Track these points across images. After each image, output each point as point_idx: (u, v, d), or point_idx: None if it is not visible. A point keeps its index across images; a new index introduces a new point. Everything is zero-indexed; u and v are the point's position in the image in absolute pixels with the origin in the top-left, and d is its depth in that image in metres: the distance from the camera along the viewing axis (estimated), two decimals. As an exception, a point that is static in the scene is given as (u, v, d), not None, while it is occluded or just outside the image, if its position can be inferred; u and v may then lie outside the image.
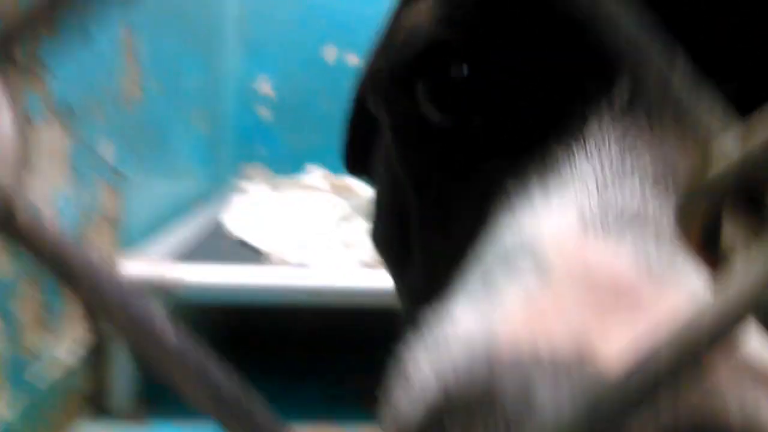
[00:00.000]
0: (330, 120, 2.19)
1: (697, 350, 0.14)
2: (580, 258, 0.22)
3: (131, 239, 1.37)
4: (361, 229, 1.58)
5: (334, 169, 2.04)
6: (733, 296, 0.14)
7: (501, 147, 0.31)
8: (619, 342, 0.18)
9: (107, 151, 1.28)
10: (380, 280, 1.30)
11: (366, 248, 1.51)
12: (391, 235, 0.39)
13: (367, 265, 1.42)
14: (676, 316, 0.14)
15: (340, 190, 2.01)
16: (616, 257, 0.21)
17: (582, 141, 0.27)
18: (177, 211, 1.65)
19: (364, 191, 2.02)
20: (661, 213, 0.23)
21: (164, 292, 1.21)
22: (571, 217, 0.23)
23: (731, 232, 0.17)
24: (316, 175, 2.06)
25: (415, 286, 0.35)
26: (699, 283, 0.20)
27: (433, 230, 0.34)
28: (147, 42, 1.41)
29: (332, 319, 1.42)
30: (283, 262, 1.37)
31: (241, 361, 1.32)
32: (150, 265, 1.24)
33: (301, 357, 1.53)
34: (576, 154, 0.26)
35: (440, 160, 0.33)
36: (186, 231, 1.52)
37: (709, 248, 0.17)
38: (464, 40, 0.31)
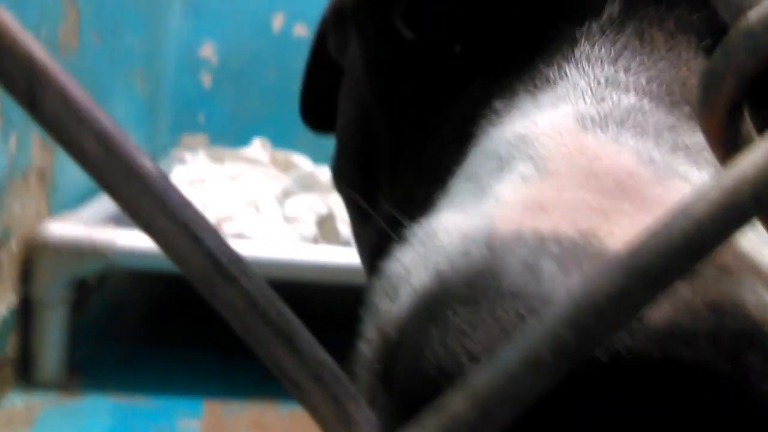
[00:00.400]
0: (274, 91, 2.16)
1: (702, 233, 0.13)
2: (579, 148, 0.20)
3: (63, 200, 1.30)
4: (303, 204, 1.55)
5: (276, 143, 2.00)
6: (732, 185, 0.13)
7: (484, 67, 0.29)
8: (623, 227, 0.17)
9: (39, 104, 1.21)
10: (321, 255, 1.28)
11: (306, 224, 1.48)
12: (357, 171, 0.37)
13: (308, 239, 1.40)
14: (679, 202, 0.13)
15: (281, 164, 1.97)
16: (616, 149, 0.20)
17: (572, 57, 0.25)
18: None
19: (306, 166, 1.99)
20: (659, 113, 0.22)
21: (95, 255, 1.16)
22: (567, 115, 0.22)
23: (748, 128, 0.16)
24: (257, 148, 2.01)
25: (385, 226, 0.32)
26: (701, 175, 0.20)
27: (410, 160, 0.31)
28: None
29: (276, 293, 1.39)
30: (221, 232, 1.33)
31: (176, 331, 1.28)
32: (81, 227, 1.18)
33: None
34: (567, 70, 0.25)
35: (417, 83, 0.31)
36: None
37: (731, 135, 0.16)
38: None
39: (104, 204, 1.35)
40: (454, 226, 0.19)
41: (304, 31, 2.06)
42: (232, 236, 1.31)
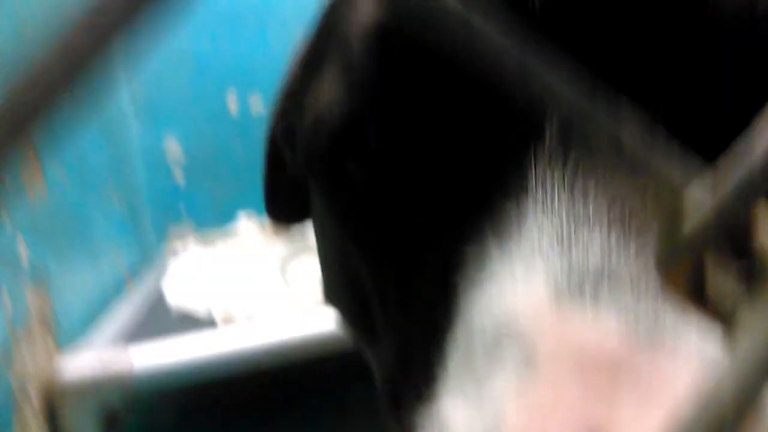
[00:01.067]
0: (247, 164, 2.16)
1: (723, 424, 0.13)
2: (563, 337, 0.20)
3: (70, 336, 1.30)
4: (305, 268, 1.55)
5: (262, 212, 2.00)
6: (748, 361, 0.13)
7: (444, 203, 0.29)
8: (629, 424, 0.17)
9: (22, 251, 1.21)
10: (330, 321, 1.27)
11: (315, 287, 1.48)
12: (347, 303, 0.38)
13: (319, 303, 1.39)
14: (691, 389, 0.13)
15: (271, 232, 1.97)
16: (600, 328, 0.20)
17: (526, 186, 0.25)
18: (111, 295, 1.58)
19: (298, 229, 1.99)
20: (632, 264, 0.22)
21: (117, 382, 1.15)
22: (541, 287, 0.22)
23: (717, 278, 0.16)
24: (245, 223, 2.02)
25: (388, 360, 0.33)
26: (690, 335, 0.19)
27: (393, 299, 0.32)
28: (42, 131, 1.34)
29: (298, 371, 1.38)
30: (233, 322, 1.33)
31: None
32: (95, 358, 1.18)
33: (275, 418, 1.48)
34: (524, 200, 0.25)
35: (387, 230, 0.31)
36: (125, 313, 1.45)
37: (695, 296, 0.16)
38: (371, 109, 0.30)
39: (112, 327, 1.35)
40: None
41: (259, 102, 2.07)
42: (245, 324, 1.31)
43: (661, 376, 0.18)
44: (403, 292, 0.31)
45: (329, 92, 0.31)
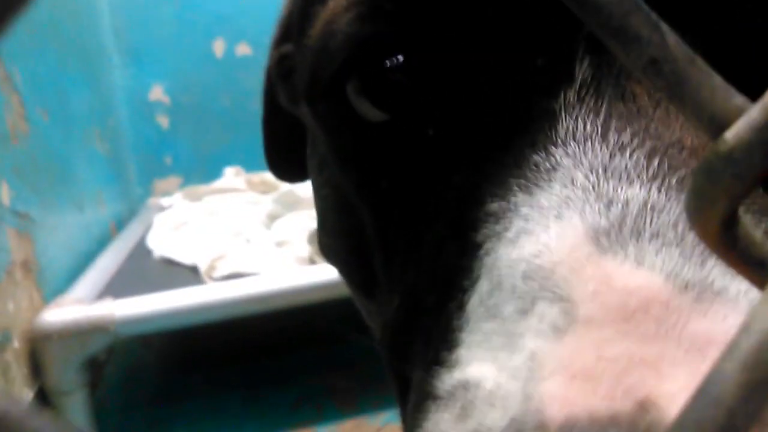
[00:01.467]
0: (233, 116, 2.14)
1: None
2: (605, 281, 0.19)
3: (53, 283, 1.28)
4: (290, 226, 1.54)
5: (249, 166, 1.98)
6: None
7: (464, 151, 0.27)
8: (680, 383, 0.16)
9: (5, 194, 1.19)
10: (321, 273, 1.27)
11: (298, 244, 1.47)
12: (347, 254, 0.36)
13: (303, 260, 1.39)
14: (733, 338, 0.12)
15: (259, 186, 1.96)
16: (646, 277, 0.18)
17: (557, 137, 0.23)
18: (95, 243, 1.56)
19: (284, 183, 1.97)
20: (673, 206, 0.20)
21: (99, 331, 1.15)
22: (579, 233, 0.20)
23: (751, 226, 0.15)
24: (231, 176, 1.99)
25: (391, 312, 0.31)
26: (738, 286, 0.18)
27: (407, 251, 0.30)
28: (24, 70, 1.31)
29: (282, 321, 1.38)
30: (217, 275, 1.32)
31: (198, 382, 1.27)
32: (78, 308, 1.17)
33: (260, 365, 1.49)
34: (556, 156, 0.23)
35: (393, 170, 0.29)
36: (109, 262, 1.44)
37: (727, 243, 0.16)
38: (397, 32, 0.27)
39: (96, 278, 1.34)
40: (493, 392, 0.18)
41: (247, 50, 2.03)
42: (226, 278, 1.30)
43: (711, 326, 0.17)
44: (413, 246, 0.29)
45: (342, 9, 0.28)
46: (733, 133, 0.13)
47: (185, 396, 1.38)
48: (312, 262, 1.40)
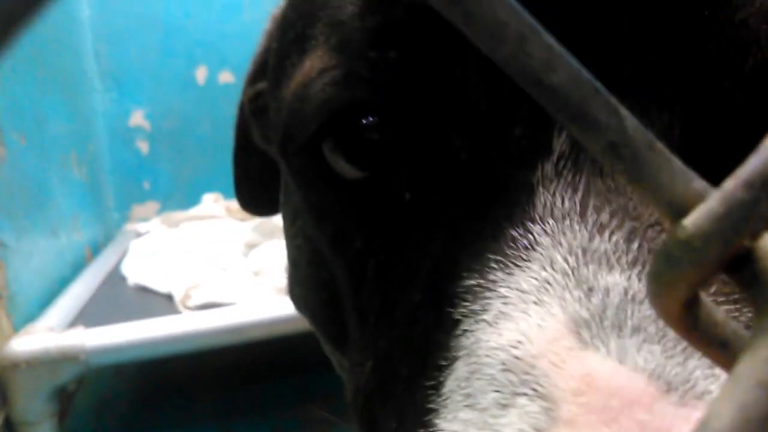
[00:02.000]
0: (213, 143, 2.13)
1: None
2: (586, 380, 0.18)
3: (24, 310, 1.26)
4: (268, 255, 1.53)
5: (227, 193, 1.97)
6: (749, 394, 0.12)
7: (439, 216, 0.26)
8: None
9: (-23, 220, 1.17)
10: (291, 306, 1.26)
11: (275, 274, 1.46)
12: (320, 311, 0.35)
13: (280, 290, 1.37)
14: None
15: (238, 214, 1.94)
16: (628, 376, 0.18)
17: (534, 213, 0.23)
18: (69, 268, 1.54)
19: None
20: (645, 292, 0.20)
21: (69, 361, 1.12)
22: (557, 320, 0.20)
23: (713, 307, 0.15)
24: (209, 203, 1.98)
25: (364, 377, 0.30)
26: (717, 390, 0.18)
27: (375, 314, 0.29)
28: (2, 93, 1.30)
29: (258, 351, 1.37)
30: (192, 304, 1.31)
31: (172, 413, 1.24)
32: (48, 336, 1.15)
33: (235, 396, 1.46)
34: (535, 235, 0.22)
35: (368, 230, 0.29)
36: (83, 289, 1.41)
37: (690, 325, 0.15)
38: (372, 98, 0.27)
39: (68, 305, 1.32)
40: None
41: (230, 78, 2.03)
42: (201, 307, 1.28)
43: (691, 421, 0.17)
44: (387, 310, 0.28)
45: (317, 73, 0.28)
46: (691, 221, 0.13)
47: (158, 428, 1.36)
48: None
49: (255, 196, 0.58)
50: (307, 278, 0.36)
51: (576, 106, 0.13)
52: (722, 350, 0.15)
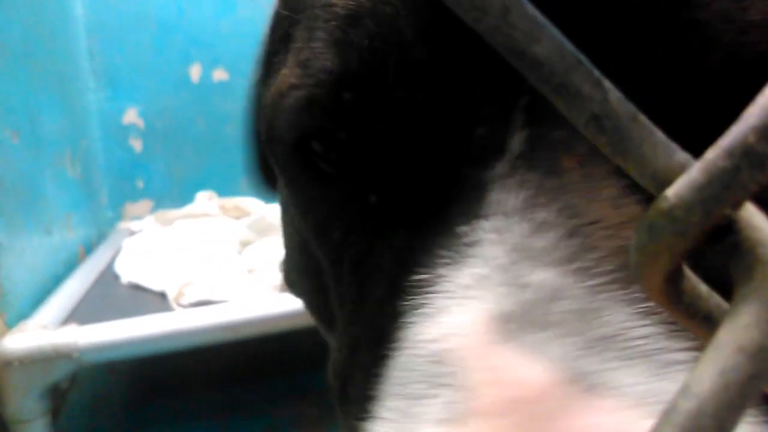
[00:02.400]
0: (207, 141, 2.13)
1: None
2: (497, 374, 0.19)
3: (17, 308, 1.25)
4: (262, 252, 1.53)
5: (221, 191, 1.96)
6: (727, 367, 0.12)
7: (402, 213, 0.27)
8: None
9: (-30, 218, 1.16)
10: (292, 301, 1.26)
11: (270, 271, 1.46)
12: (311, 296, 0.37)
13: (274, 288, 1.37)
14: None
15: (232, 212, 1.94)
16: (536, 366, 0.19)
17: (484, 209, 0.23)
18: (62, 266, 1.53)
19: (258, 208, 1.96)
20: (578, 292, 0.20)
21: (63, 358, 1.12)
22: (484, 315, 0.21)
23: (695, 280, 0.15)
24: (203, 201, 1.98)
25: (339, 360, 0.32)
26: (635, 378, 0.18)
27: (351, 303, 0.30)
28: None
29: (252, 348, 1.37)
30: (185, 301, 1.30)
31: (165, 411, 1.24)
32: (41, 334, 1.14)
33: (228, 393, 1.46)
34: (481, 231, 0.23)
35: (344, 223, 0.30)
36: (76, 287, 1.41)
37: (672, 298, 0.15)
38: (335, 123, 0.27)
39: (62, 303, 1.31)
40: None
41: (224, 75, 2.03)
42: (195, 304, 1.28)
43: (596, 420, 0.17)
44: (359, 300, 0.30)
45: (287, 87, 0.29)
46: (673, 192, 0.13)
47: (151, 426, 1.35)
48: (283, 289, 1.39)
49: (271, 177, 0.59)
50: (298, 265, 0.38)
51: (559, 78, 0.13)
52: (706, 324, 0.15)
